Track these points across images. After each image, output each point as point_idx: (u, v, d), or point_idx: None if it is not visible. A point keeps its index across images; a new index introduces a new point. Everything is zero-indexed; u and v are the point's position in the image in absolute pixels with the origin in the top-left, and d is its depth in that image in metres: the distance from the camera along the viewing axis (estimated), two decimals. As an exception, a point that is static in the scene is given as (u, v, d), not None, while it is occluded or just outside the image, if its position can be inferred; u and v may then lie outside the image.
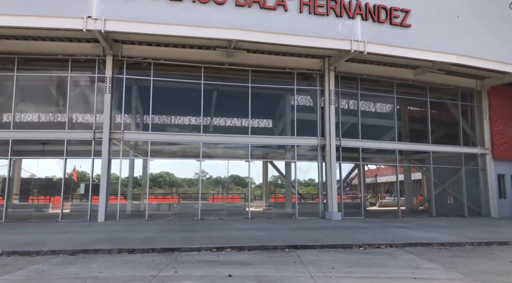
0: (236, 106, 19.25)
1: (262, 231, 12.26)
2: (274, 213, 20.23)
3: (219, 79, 18.07)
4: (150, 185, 36.40)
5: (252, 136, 17.45)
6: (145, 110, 17.33)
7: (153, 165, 47.89)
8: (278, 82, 18.76)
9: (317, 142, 17.89)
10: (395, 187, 19.97)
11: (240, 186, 34.49)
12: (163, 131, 17.77)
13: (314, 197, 32.01)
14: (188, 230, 12.45)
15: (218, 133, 18.61)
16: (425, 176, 28.30)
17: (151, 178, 36.65)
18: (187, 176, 38.45)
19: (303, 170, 28.25)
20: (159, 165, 50.84)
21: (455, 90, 20.92)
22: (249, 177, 17.62)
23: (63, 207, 15.91)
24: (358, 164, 21.44)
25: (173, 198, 25.65)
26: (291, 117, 19.22)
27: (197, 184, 40.41)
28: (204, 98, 17.18)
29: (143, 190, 23.56)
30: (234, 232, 11.82)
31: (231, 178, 34.44)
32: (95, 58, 16.15)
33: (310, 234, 11.43)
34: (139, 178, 23.26)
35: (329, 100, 17.74)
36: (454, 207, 20.64)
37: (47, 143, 17.26)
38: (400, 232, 12.40)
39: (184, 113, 19.80)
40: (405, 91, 20.47)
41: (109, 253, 8.49)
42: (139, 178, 24.51)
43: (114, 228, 12.79)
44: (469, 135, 21.23)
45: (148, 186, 17.11)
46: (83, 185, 25.15)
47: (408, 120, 22.52)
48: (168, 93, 18.07)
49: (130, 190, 19.97)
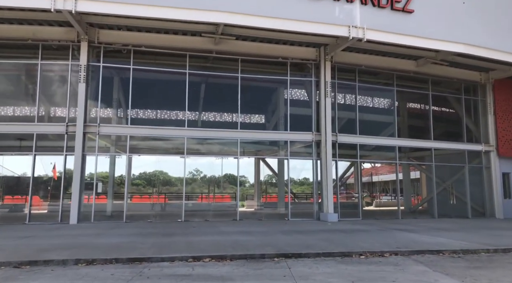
0: (225, 98, 17.89)
1: (250, 235, 10.93)
2: (266, 213, 18.90)
3: (206, 69, 16.68)
4: (143, 184, 34.98)
5: (241, 131, 16.09)
6: (124, 102, 15.91)
7: (145, 163, 46.20)
8: (270, 73, 17.40)
9: (312, 138, 16.57)
10: (395, 186, 18.72)
11: (234, 185, 33.67)
12: (144, 125, 16.33)
13: (308, 196, 30.75)
14: (166, 234, 11.08)
15: (204, 128, 17.23)
16: (425, 174, 27.21)
17: (144, 177, 35.31)
18: (181, 175, 37.02)
19: (297, 168, 26.95)
20: (152, 163, 49.56)
21: (458, 83, 19.71)
22: (238, 176, 16.26)
23: (36, 207, 14.48)
24: (355, 162, 20.15)
25: (160, 198, 24.22)
26: (284, 110, 17.91)
27: (191, 183, 39.18)
28: (189, 89, 15.78)
29: (126, 190, 22.15)
30: (217, 237, 10.47)
31: (225, 177, 33.40)
32: (68, 44, 14.69)
33: (304, 239, 10.12)
34: (126, 176, 21.84)
35: (325, 92, 16.43)
36: (456, 207, 19.46)
37: (22, 138, 15.75)
38: (404, 236, 11.12)
39: (167, 106, 18.38)
40: (406, 84, 19.22)
41: (63, 264, 7.09)
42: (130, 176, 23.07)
43: (83, 232, 11.38)
44: (472, 131, 20.05)
45: (127, 185, 15.64)
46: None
47: (408, 115, 21.30)
48: (150, 84, 16.67)
49: (111, 189, 18.53)
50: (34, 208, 22.42)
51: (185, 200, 26.20)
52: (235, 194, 25.97)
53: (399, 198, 18.10)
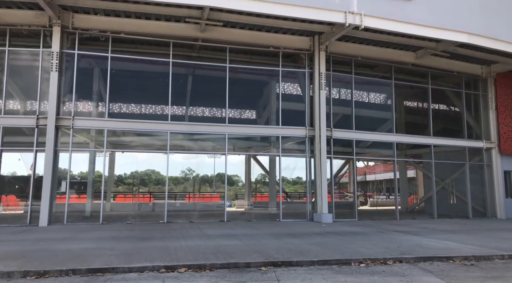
0: (212, 92, 16.76)
1: (236, 238, 9.82)
2: (256, 214, 17.79)
3: (191, 59, 15.52)
4: (134, 183, 33.67)
5: (229, 125, 14.96)
6: (102, 93, 14.69)
7: (133, 161, 44.83)
8: (261, 64, 16.28)
9: (305, 133, 15.51)
10: (392, 185, 17.70)
11: (228, 185, 32.71)
12: (123, 119, 15.11)
13: (301, 196, 29.73)
14: (142, 238, 9.92)
15: (189, 122, 16.06)
16: (421, 173, 26.33)
17: (136, 176, 34.01)
18: (173, 174, 36.34)
19: (289, 166, 25.93)
20: (142, 162, 48.47)
21: (458, 77, 18.77)
22: (226, 174, 15.13)
23: (12, 207, 13.20)
24: (350, 159, 19.12)
25: (145, 198, 22.98)
26: (276, 105, 16.83)
27: (183, 182, 37.82)
28: (173, 81, 14.62)
29: (108, 188, 20.91)
30: (199, 241, 9.33)
31: (217, 176, 32.53)
32: (39, 29, 13.43)
33: (296, 244, 9.03)
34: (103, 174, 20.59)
35: (320, 84, 15.36)
36: (456, 207, 18.53)
37: None
38: (406, 239, 10.09)
39: (150, 98, 17.19)
40: (404, 78, 18.24)
41: (7, 277, 5.92)
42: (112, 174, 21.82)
43: (49, 236, 10.17)
44: (473, 128, 19.14)
45: (108, 184, 14.41)
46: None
47: (407, 110, 20.36)
48: (131, 74, 15.48)
49: (90, 188, 17.28)
50: (10, 208, 21.11)
51: (172, 200, 25.05)
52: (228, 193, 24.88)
53: (397, 197, 17.10)
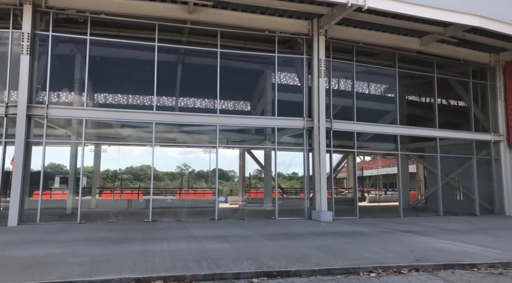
0: (202, 80, 15.52)
1: (225, 241, 8.67)
2: (250, 211, 16.66)
3: (179, 43, 14.28)
4: (130, 178, 32.40)
5: (220, 116, 13.76)
6: (81, 81, 13.43)
7: (132, 157, 43.46)
8: (255, 49, 15.05)
9: (303, 124, 14.35)
10: (393, 180, 16.65)
11: (223, 180, 31.82)
12: (104, 108, 13.87)
13: (298, 191, 28.65)
14: (120, 240, 8.74)
15: (176, 112, 14.83)
16: (422, 168, 25.31)
17: (131, 171, 32.79)
18: (168, 170, 35.33)
19: (285, 161, 24.75)
20: (138, 157, 47.33)
21: (465, 66, 17.67)
22: (217, 168, 13.96)
23: None
24: (351, 153, 18.01)
25: (133, 194, 21.78)
26: (271, 94, 15.67)
27: (179, 178, 36.70)
28: (160, 68, 13.36)
29: (94, 184, 19.70)
30: (183, 244, 8.17)
31: (214, 171, 31.41)
32: (9, 8, 12.12)
33: (293, 247, 7.90)
34: (81, 168, 19.40)
35: (319, 71, 14.18)
36: (462, 204, 17.48)
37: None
38: (417, 241, 8.99)
39: (134, 87, 15.93)
40: (408, 67, 17.09)
41: None
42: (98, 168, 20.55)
43: (14, 238, 8.97)
44: (479, 119, 18.07)
45: (82, 179, 13.18)
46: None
47: (410, 101, 19.25)
48: (113, 60, 14.23)
49: (72, 184, 16.05)
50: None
51: (163, 196, 23.84)
52: (222, 190, 23.72)
53: (400, 193, 16.03)
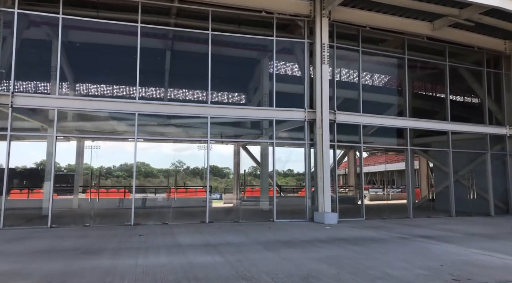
0: (191, 67, 14.03)
1: (216, 252, 7.22)
2: (245, 211, 15.21)
3: (165, 24, 12.75)
4: (124, 175, 30.80)
5: (212, 106, 12.30)
6: (53, 66, 11.86)
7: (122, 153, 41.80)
8: (251, 33, 13.54)
9: (304, 116, 12.91)
10: (403, 177, 15.26)
11: (218, 177, 29.93)
12: (78, 96, 12.34)
13: (296, 190, 27.29)
14: (88, 250, 7.25)
15: (162, 102, 13.33)
16: (426, 164, 24.03)
17: (124, 169, 31.23)
18: (163, 167, 33.99)
19: (282, 157, 23.35)
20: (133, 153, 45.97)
21: (479, 54, 16.30)
22: (208, 165, 12.49)
23: None
24: (354, 148, 16.62)
25: (119, 192, 20.26)
26: (269, 85, 14.27)
27: (174, 175, 35.26)
28: (143, 53, 11.83)
29: (76, 183, 18.16)
30: (163, 257, 6.71)
31: (209, 168, 30.15)
32: (-32, -20, 10.56)
33: (298, 260, 6.46)
34: (53, 165, 17.85)
35: (322, 57, 12.74)
36: (475, 203, 16.12)
37: None
38: (442, 250, 7.58)
39: (114, 74, 14.34)
40: (418, 55, 15.68)
41: None
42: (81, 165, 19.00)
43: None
44: (493, 112, 16.74)
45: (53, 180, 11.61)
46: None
47: (421, 92, 17.86)
48: (90, 44, 12.67)
49: (49, 182, 14.47)
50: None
51: (151, 194, 22.35)
52: (211, 188, 22.26)
53: (410, 192, 14.66)
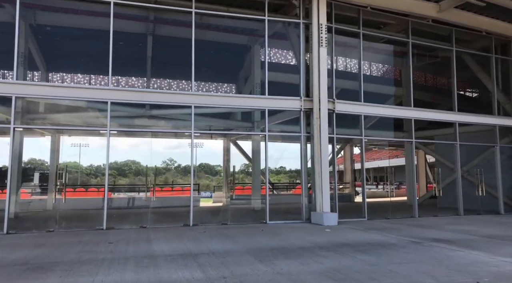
0: (174, 54, 12.60)
1: (196, 264, 5.84)
2: (235, 211, 13.82)
3: (144, 3, 11.29)
4: (114, 174, 29.25)
5: (196, 94, 10.87)
6: (11, 49, 10.32)
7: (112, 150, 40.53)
8: (239, 11, 12.11)
9: (300, 105, 11.57)
10: (386, 174, 14.12)
11: (210, 175, 29.00)
12: (42, 82, 10.83)
13: (289, 187, 26.03)
14: (38, 264, 5.80)
15: (138, 88, 11.89)
16: (423, 159, 22.96)
17: (114, 167, 29.89)
18: (154, 164, 32.52)
19: (274, 154, 21.98)
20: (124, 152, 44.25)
21: (487, 39, 15.12)
22: (193, 161, 11.03)
23: None
24: (354, 141, 15.35)
25: (99, 192, 18.71)
26: (260, 72, 12.89)
27: (164, 173, 33.74)
28: (117, 36, 10.37)
29: (50, 182, 16.59)
30: (129, 274, 5.31)
31: (200, 166, 29.12)
32: None
33: (297, 275, 5.10)
34: (10, 162, 16.34)
35: (319, 39, 11.40)
36: (481, 200, 14.97)
37: None
38: (470, 260, 6.30)
39: (83, 58, 12.83)
40: (423, 40, 14.42)
41: None
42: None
43: None
44: (500, 102, 15.60)
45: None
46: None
47: (425, 80, 16.64)
48: (57, 26, 11.16)
49: (15, 182, 12.93)
50: None
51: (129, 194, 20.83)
52: (198, 186, 20.84)
53: (414, 188, 13.45)
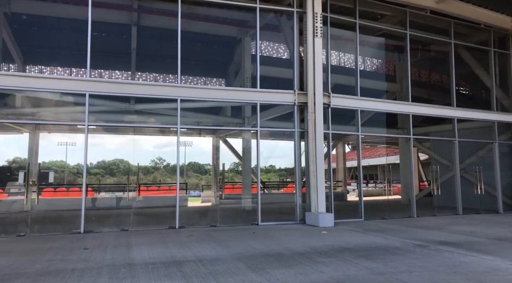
0: (158, 38, 11.79)
1: (180, 275, 5.10)
2: (225, 211, 13.09)
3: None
4: (102, 173, 28.21)
5: (183, 86, 10.11)
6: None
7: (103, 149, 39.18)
8: (230, 7, 11.33)
9: (293, 99, 10.89)
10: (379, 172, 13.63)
11: (199, 174, 28.50)
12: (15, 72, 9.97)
13: (280, 186, 25.40)
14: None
15: (119, 80, 11.07)
16: (417, 156, 22.54)
17: (102, 166, 29.09)
18: (142, 163, 31.70)
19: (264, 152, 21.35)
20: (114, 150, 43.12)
21: (486, 32, 14.64)
22: (179, 158, 10.25)
23: None
24: (348, 138, 14.75)
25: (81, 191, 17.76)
26: (251, 66, 12.21)
27: (153, 172, 32.70)
28: (98, 23, 9.55)
29: (27, 180, 15.65)
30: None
31: (189, 165, 28.62)
32: None
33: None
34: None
35: (314, 28, 10.73)
36: (479, 199, 14.50)
37: None
38: (485, 267, 5.68)
39: (61, 49, 11.97)
40: (421, 33, 13.87)
41: None
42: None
43: None
44: (498, 97, 15.16)
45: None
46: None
47: (422, 73, 16.13)
48: (35, 18, 10.30)
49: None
50: None
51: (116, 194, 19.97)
52: (186, 185, 20.06)
53: (413, 187, 12.90)
